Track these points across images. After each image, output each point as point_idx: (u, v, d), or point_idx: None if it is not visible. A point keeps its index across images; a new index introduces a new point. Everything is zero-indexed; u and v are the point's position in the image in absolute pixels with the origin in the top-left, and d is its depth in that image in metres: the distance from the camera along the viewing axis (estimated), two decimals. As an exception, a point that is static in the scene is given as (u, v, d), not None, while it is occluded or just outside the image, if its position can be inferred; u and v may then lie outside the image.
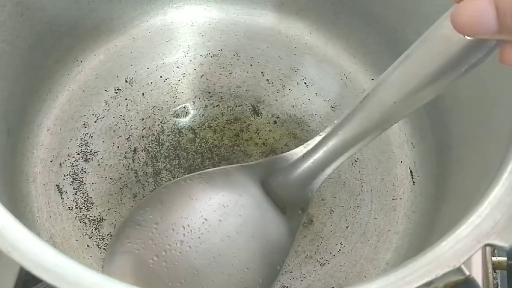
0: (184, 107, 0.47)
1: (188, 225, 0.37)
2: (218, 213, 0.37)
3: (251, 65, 0.49)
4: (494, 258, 0.43)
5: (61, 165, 0.44)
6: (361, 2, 0.47)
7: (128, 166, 0.44)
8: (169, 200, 0.38)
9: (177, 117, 0.46)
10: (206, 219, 0.37)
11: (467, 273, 0.28)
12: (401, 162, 0.46)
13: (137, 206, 0.40)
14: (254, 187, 0.38)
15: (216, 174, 0.39)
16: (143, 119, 0.46)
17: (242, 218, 0.37)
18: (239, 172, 0.39)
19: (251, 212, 0.37)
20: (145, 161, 0.44)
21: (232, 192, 0.38)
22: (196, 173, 0.40)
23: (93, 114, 0.46)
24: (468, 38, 0.27)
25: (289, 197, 0.38)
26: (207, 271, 0.36)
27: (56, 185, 0.43)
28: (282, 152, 0.40)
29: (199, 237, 0.37)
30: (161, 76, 0.48)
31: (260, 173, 0.38)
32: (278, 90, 0.48)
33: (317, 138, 0.37)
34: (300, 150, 0.38)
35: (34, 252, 0.26)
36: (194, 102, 0.47)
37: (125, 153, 0.45)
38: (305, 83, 0.48)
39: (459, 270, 0.28)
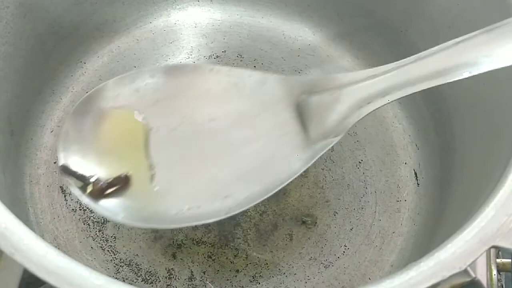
0: (187, 108, 0.47)
1: (191, 116, 0.32)
2: (231, 118, 0.33)
3: (255, 66, 0.49)
4: (498, 260, 0.43)
5: (64, 166, 0.44)
6: (364, 3, 0.46)
7: (131, 168, 0.44)
8: (185, 84, 0.33)
9: (180, 118, 0.46)
10: (214, 119, 0.33)
11: (473, 275, 0.28)
12: (405, 163, 0.45)
13: (146, 70, 0.35)
14: (287, 104, 0.33)
15: (250, 78, 0.34)
16: (146, 120, 0.46)
17: (256, 132, 0.33)
18: (278, 84, 0.33)
19: (269, 129, 0.33)
20: (148, 163, 0.44)
21: (257, 103, 0.33)
22: (229, 67, 0.35)
23: (96, 116, 0.46)
24: None
25: (327, 120, 0.33)
26: (186, 168, 0.31)
27: (60, 186, 0.43)
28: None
29: (196, 132, 0.32)
30: (164, 78, 0.48)
31: (303, 90, 0.33)
32: (282, 91, 0.48)
33: (396, 63, 0.33)
34: (368, 71, 0.34)
35: (37, 253, 0.26)
36: (197, 104, 0.47)
37: (128, 154, 0.44)
38: (309, 84, 0.48)
39: (465, 272, 0.28)
